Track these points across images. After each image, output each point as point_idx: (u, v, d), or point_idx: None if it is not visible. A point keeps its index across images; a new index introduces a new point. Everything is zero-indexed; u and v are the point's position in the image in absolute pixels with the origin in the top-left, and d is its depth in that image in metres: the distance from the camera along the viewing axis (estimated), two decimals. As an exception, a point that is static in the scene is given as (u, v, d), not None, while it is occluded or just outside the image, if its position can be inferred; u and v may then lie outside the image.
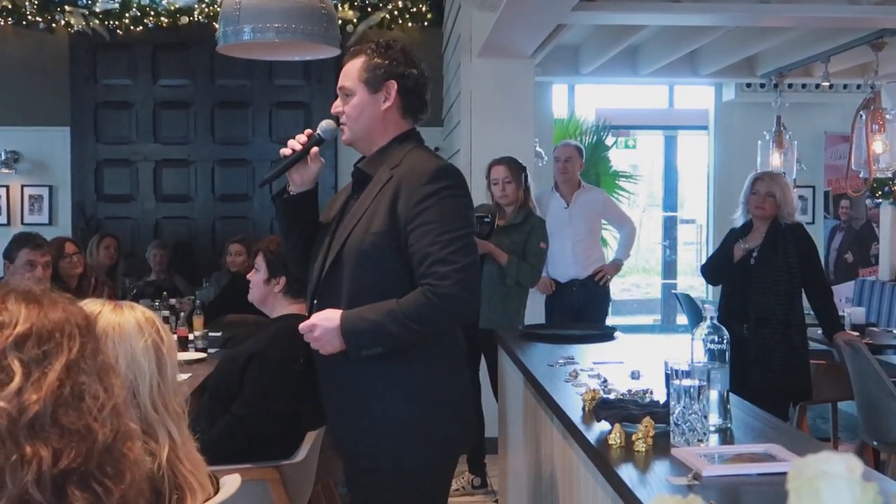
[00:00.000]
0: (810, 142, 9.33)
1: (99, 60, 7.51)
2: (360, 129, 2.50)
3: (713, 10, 5.52)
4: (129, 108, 7.59)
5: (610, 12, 5.52)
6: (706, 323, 2.30)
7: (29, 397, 1.15)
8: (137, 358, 1.97)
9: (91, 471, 1.19)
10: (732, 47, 7.56)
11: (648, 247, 12.56)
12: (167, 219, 7.64)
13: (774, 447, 1.99)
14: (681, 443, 2.03)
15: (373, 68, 2.45)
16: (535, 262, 4.93)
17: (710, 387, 2.13)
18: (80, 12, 7.40)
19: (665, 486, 1.80)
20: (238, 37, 3.78)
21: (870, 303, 7.52)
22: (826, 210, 10.09)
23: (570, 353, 3.41)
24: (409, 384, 2.41)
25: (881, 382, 4.76)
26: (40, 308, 1.21)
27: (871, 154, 6.79)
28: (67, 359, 1.19)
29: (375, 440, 2.41)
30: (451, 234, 2.31)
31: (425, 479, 2.47)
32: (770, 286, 4.72)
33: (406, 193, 2.36)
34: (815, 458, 0.71)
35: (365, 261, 2.38)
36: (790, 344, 4.76)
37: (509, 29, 5.12)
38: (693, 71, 8.35)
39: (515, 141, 5.65)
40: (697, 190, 11.90)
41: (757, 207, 4.79)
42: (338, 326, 2.30)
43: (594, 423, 2.27)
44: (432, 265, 2.28)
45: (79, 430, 1.18)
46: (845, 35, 6.60)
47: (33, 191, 7.59)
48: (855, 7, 5.43)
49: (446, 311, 2.30)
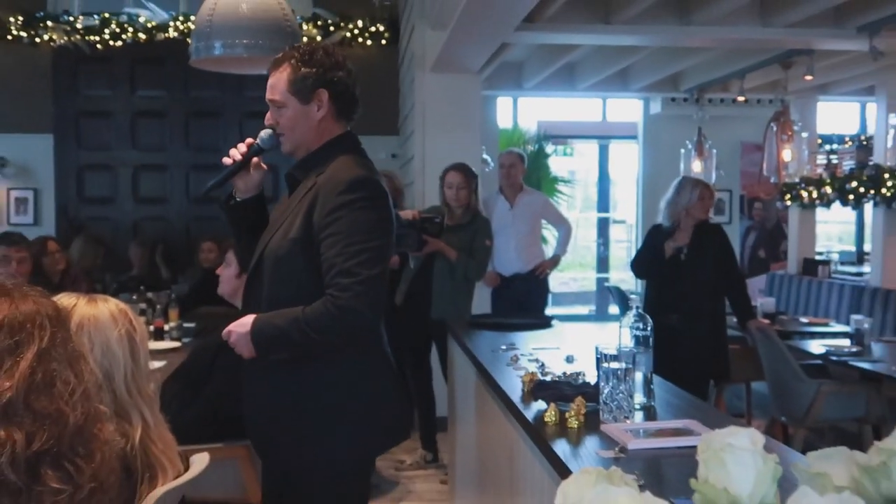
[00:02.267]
0: (728, 150, 9.47)
1: (80, 73, 7.41)
2: (297, 140, 2.32)
3: (641, 31, 5.57)
4: (108, 117, 7.51)
5: (549, 32, 5.54)
6: (632, 312, 2.31)
7: (2, 384, 1.13)
8: (112, 347, 1.94)
9: (63, 451, 1.17)
10: (659, 65, 7.63)
11: (584, 244, 12.63)
12: (145, 219, 7.58)
13: (692, 423, 2.00)
14: (609, 419, 2.04)
15: (301, 79, 2.25)
16: (481, 258, 4.94)
17: (636, 369, 2.14)
18: (62, 28, 7.29)
19: (595, 458, 1.81)
20: (209, 52, 3.74)
21: (779, 294, 7.65)
22: (741, 212, 10.25)
23: (512, 340, 3.42)
24: (321, 384, 2.24)
25: (789, 365, 4.84)
26: (11, 301, 1.19)
27: (780, 162, 6.91)
28: (38, 347, 1.17)
29: (289, 441, 2.27)
30: (357, 246, 2.13)
31: (342, 474, 2.31)
32: (700, 281, 4.76)
33: (322, 201, 2.20)
34: (722, 432, 0.71)
35: (281, 266, 2.24)
36: (716, 332, 4.83)
37: (458, 47, 5.11)
38: (624, 86, 8.41)
39: (464, 148, 5.65)
40: (628, 193, 12.01)
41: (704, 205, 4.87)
42: (248, 332, 2.17)
43: (532, 402, 2.27)
44: (336, 276, 2.12)
45: (51, 413, 1.16)
46: (758, 55, 6.71)
47: (19, 193, 7.49)
48: (767, 29, 5.51)
49: (343, 323, 2.12)
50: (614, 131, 11.83)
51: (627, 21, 5.39)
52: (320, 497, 2.27)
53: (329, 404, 2.23)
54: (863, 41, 5.41)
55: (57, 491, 1.14)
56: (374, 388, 2.31)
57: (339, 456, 2.26)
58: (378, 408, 2.31)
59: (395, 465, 5.03)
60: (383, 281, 2.22)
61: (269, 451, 2.37)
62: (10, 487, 1.11)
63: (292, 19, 3.89)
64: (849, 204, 6.91)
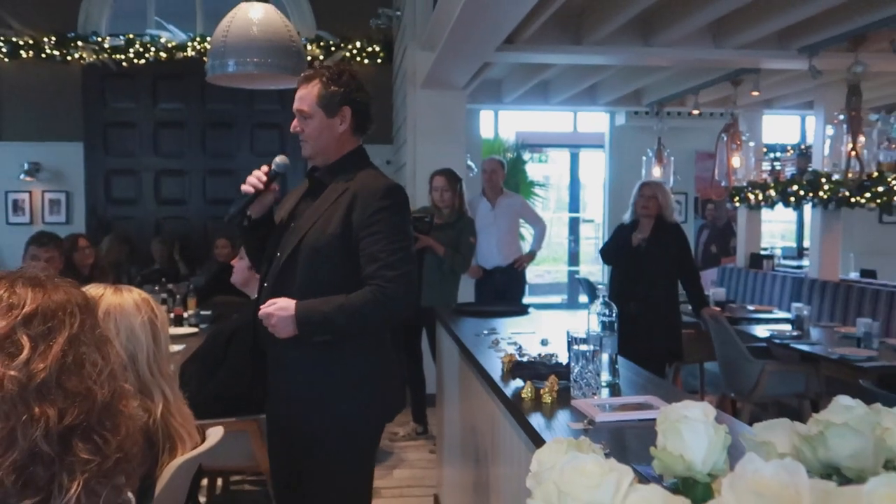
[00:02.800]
0: (684, 158, 9.51)
1: (107, 87, 7.39)
2: (318, 147, 2.36)
3: (608, 52, 5.58)
4: (133, 127, 7.50)
5: (526, 53, 5.54)
6: (599, 301, 2.32)
7: (36, 366, 1.12)
8: (136, 332, 1.93)
9: (92, 425, 1.16)
10: (623, 82, 7.65)
11: (557, 241, 12.65)
12: (166, 218, 7.56)
13: (652, 398, 2.01)
14: (579, 395, 2.04)
15: (329, 95, 2.31)
16: (466, 253, 4.94)
17: (602, 351, 2.15)
18: (91, 47, 7.27)
19: (566, 430, 1.81)
20: (224, 69, 3.73)
21: (729, 285, 7.69)
22: (696, 212, 10.30)
23: (494, 326, 3.42)
24: (338, 358, 2.28)
25: (737, 347, 4.87)
26: (45, 291, 1.18)
27: (730, 168, 6.95)
28: (69, 333, 1.16)
29: (309, 403, 2.29)
30: (397, 244, 2.22)
31: (354, 437, 2.33)
32: (656, 272, 4.78)
33: (361, 205, 2.25)
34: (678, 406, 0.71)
35: (318, 257, 2.26)
36: (669, 317, 4.85)
37: (445, 66, 5.11)
38: (592, 100, 8.43)
39: (451, 156, 5.65)
40: (595, 196, 12.04)
41: (643, 207, 4.86)
42: (292, 315, 2.19)
43: (511, 380, 2.27)
44: (380, 269, 2.19)
45: (80, 392, 1.15)
46: (711, 73, 6.74)
47: (52, 195, 7.48)
48: (719, 51, 5.53)
49: (390, 308, 2.20)
50: (584, 141, 11.85)
51: (596, 43, 5.40)
52: (338, 457, 2.30)
53: (345, 379, 2.28)
54: (803, 61, 5.44)
55: (86, 461, 1.14)
56: (380, 366, 2.36)
57: (353, 422, 2.30)
58: (383, 383, 2.37)
59: (390, 437, 5.04)
60: (416, 275, 2.33)
61: (292, 418, 2.35)
62: (45, 458, 1.11)
63: (298, 40, 3.88)
64: (790, 205, 6.95)
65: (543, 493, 0.58)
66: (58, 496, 1.11)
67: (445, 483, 3.78)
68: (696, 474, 0.63)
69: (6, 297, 1.16)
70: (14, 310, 1.15)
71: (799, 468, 0.51)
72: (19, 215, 7.43)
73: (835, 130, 5.52)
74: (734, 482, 0.52)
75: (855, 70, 5.16)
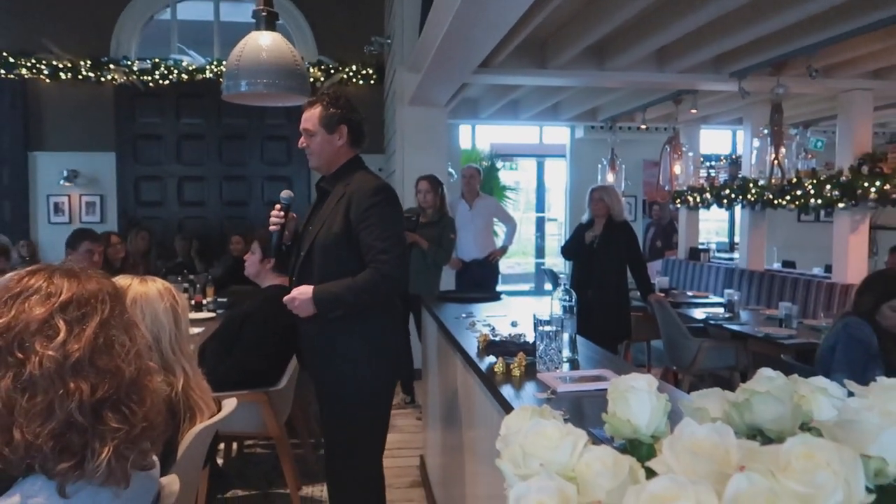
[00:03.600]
0: (633, 166, 9.55)
1: (136, 105, 7.31)
2: (322, 160, 2.48)
3: (568, 75, 5.59)
4: (159, 139, 7.41)
5: (498, 75, 5.53)
6: (561, 288, 2.32)
7: (71, 347, 1.10)
8: (159, 316, 1.91)
9: (121, 398, 1.15)
10: (582, 101, 7.67)
11: (526, 237, 12.66)
12: (187, 218, 7.49)
13: (606, 371, 2.01)
14: (543, 369, 2.05)
15: (329, 116, 2.42)
16: (447, 248, 4.93)
17: (563, 331, 2.15)
18: (122, 70, 7.19)
19: (532, 399, 1.81)
20: (237, 88, 3.66)
21: (672, 274, 7.74)
22: (643, 212, 10.36)
23: (471, 310, 3.41)
24: (362, 333, 2.41)
25: (679, 327, 4.91)
26: (79, 281, 1.17)
27: (672, 174, 6.99)
28: (101, 318, 1.15)
29: (341, 371, 2.42)
30: (388, 233, 2.33)
31: (375, 397, 2.48)
32: (608, 263, 4.80)
33: (356, 203, 2.35)
34: (626, 378, 0.71)
35: (328, 252, 2.38)
36: (620, 302, 4.87)
37: (429, 86, 5.09)
38: (556, 116, 8.44)
39: (434, 164, 5.63)
40: (558, 198, 12.07)
41: (594, 209, 4.88)
42: (310, 298, 2.33)
43: (485, 357, 2.26)
44: (377, 254, 2.31)
45: (110, 369, 1.14)
46: (656, 93, 6.77)
47: (88, 199, 7.39)
48: (662, 74, 5.55)
49: (388, 283, 2.33)
50: (548, 151, 11.87)
51: (558, 67, 5.40)
52: (358, 410, 2.44)
53: (365, 346, 2.40)
54: (733, 84, 5.48)
55: (116, 429, 1.13)
56: (393, 337, 2.53)
57: (371, 381, 2.44)
58: (394, 350, 2.53)
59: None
60: (407, 257, 2.53)
61: (323, 379, 2.49)
62: (79, 427, 1.10)
63: (301, 64, 3.83)
64: (723, 206, 7.01)
65: (510, 454, 0.58)
66: (91, 460, 1.10)
67: (429, 445, 3.78)
68: (641, 436, 0.63)
69: (45, 287, 1.15)
70: (52, 298, 1.13)
71: (728, 430, 0.51)
72: (59, 216, 7.34)
73: (760, 143, 5.56)
74: (673, 443, 0.52)
75: (777, 91, 5.20)
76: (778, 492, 0.44)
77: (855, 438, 0.52)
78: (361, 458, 2.49)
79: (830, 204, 5.46)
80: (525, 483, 0.51)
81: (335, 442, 2.51)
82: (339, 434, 2.49)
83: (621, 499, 0.47)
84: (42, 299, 1.13)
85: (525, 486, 0.51)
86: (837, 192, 5.36)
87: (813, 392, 0.61)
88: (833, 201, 5.41)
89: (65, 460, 1.09)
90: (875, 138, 6.41)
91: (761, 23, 4.40)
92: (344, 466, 2.49)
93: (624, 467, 0.52)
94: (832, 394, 0.60)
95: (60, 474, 1.09)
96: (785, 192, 5.75)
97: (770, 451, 0.48)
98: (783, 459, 0.47)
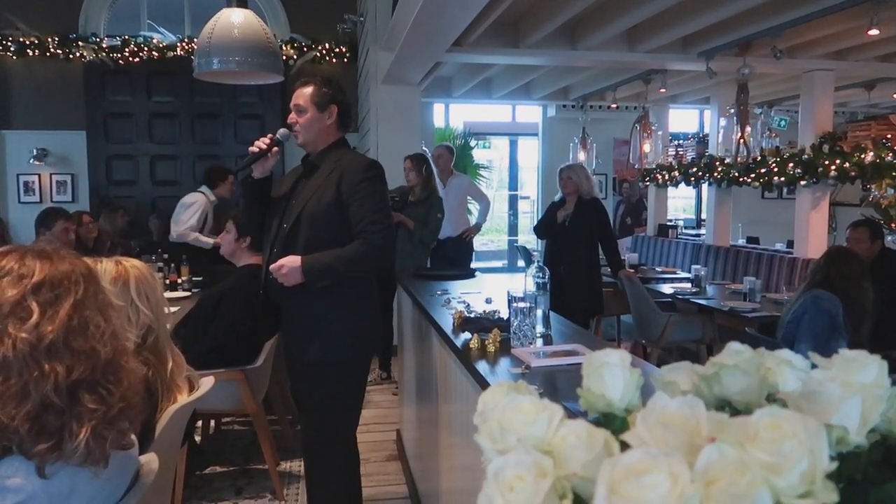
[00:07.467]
0: (604, 144, 9.59)
1: (106, 82, 7.11)
2: (310, 136, 2.50)
3: (541, 54, 5.56)
4: (130, 118, 7.24)
5: (472, 54, 5.49)
6: (534, 265, 2.33)
7: (45, 329, 1.08)
8: (159, 298, 1.92)
9: (97, 379, 1.14)
10: (554, 80, 7.65)
11: (499, 215, 12.70)
12: (161, 198, 7.33)
13: (579, 346, 2.02)
14: (517, 345, 2.05)
15: (321, 95, 2.47)
16: (433, 227, 4.94)
17: (537, 307, 2.16)
18: (91, 47, 6.99)
19: (507, 374, 1.81)
20: (209, 66, 3.60)
21: (641, 250, 7.82)
22: (614, 189, 10.43)
23: (446, 287, 3.41)
24: (341, 310, 2.44)
25: (648, 302, 4.97)
26: (51, 262, 1.14)
27: (642, 153, 7.03)
28: (74, 299, 1.13)
29: (320, 342, 2.44)
30: (378, 206, 2.39)
31: (351, 374, 2.51)
32: (579, 240, 4.82)
33: (348, 176, 2.40)
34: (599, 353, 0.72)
35: (317, 222, 2.40)
36: (591, 278, 4.90)
37: (403, 65, 5.04)
38: (528, 95, 8.42)
39: (408, 143, 5.60)
40: (531, 177, 12.09)
41: (563, 187, 4.90)
42: (300, 266, 2.33)
43: (461, 333, 2.27)
44: (367, 224, 2.35)
45: (86, 350, 1.12)
46: (626, 73, 6.77)
47: (59, 177, 7.22)
48: (632, 54, 5.56)
49: (377, 255, 2.36)
50: (521, 130, 11.87)
51: (530, 46, 5.37)
52: (335, 380, 2.47)
53: (343, 324, 2.45)
54: (701, 64, 5.51)
55: (93, 410, 1.11)
56: (370, 311, 2.54)
57: (349, 357, 2.48)
58: (371, 323, 2.53)
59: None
60: (394, 229, 2.61)
61: (302, 350, 2.50)
62: (55, 409, 1.08)
63: (274, 42, 3.77)
64: (691, 184, 7.08)
65: (488, 429, 0.58)
66: (69, 440, 1.09)
67: (405, 420, 3.80)
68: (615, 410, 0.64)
69: (17, 268, 1.12)
70: (24, 279, 1.11)
71: (698, 403, 0.52)
72: (30, 195, 7.17)
73: (727, 122, 5.61)
74: (646, 416, 0.53)
75: (743, 72, 5.24)
76: (747, 461, 0.45)
77: (818, 409, 0.53)
78: (337, 431, 2.53)
79: (793, 181, 5.54)
80: (503, 458, 0.51)
81: (311, 417, 2.53)
82: (315, 409, 2.51)
83: (596, 471, 0.47)
84: (14, 281, 1.10)
85: (503, 460, 0.51)
86: (800, 170, 5.44)
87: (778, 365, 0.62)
88: (795, 179, 5.50)
89: (42, 441, 1.07)
90: (836, 118, 6.50)
91: (728, 4, 4.42)
92: (319, 441, 2.51)
93: (598, 440, 0.53)
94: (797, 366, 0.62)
95: (38, 455, 1.07)
96: (749, 169, 5.82)
97: (739, 423, 0.49)
98: (751, 430, 0.48)
